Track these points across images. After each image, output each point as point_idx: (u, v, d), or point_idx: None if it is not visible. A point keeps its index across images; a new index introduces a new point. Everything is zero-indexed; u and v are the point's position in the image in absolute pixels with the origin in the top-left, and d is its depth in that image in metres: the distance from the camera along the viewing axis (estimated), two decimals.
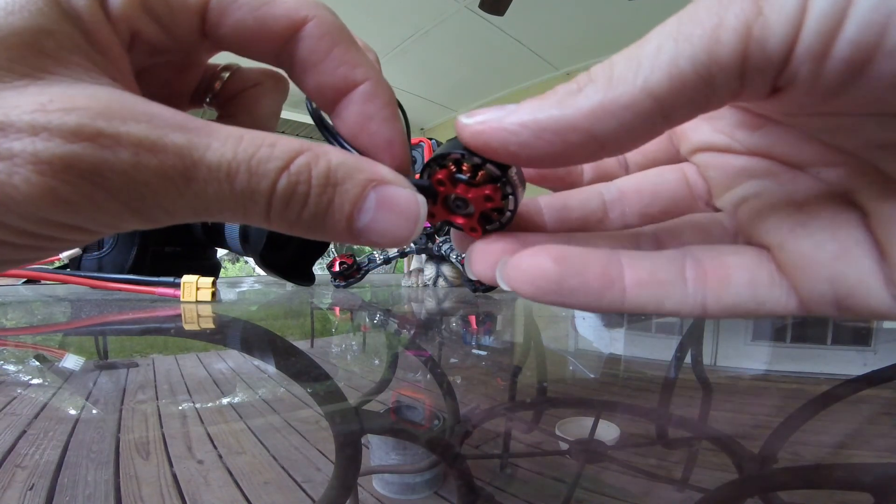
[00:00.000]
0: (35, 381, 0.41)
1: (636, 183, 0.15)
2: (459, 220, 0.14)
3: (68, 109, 0.09)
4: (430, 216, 0.14)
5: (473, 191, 0.13)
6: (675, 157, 0.16)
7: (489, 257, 0.13)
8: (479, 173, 0.13)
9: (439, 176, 0.13)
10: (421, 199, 0.12)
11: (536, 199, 0.15)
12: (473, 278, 0.14)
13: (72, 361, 0.51)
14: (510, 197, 0.13)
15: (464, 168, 0.13)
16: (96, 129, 0.09)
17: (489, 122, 0.11)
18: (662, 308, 0.12)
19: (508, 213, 0.14)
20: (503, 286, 0.13)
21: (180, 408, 0.35)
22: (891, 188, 0.11)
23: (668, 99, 0.10)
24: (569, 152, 0.11)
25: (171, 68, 0.15)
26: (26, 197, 0.09)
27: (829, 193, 0.12)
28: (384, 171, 0.12)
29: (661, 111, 0.10)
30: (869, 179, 0.11)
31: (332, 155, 0.11)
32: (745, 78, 0.10)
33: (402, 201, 0.12)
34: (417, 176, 0.14)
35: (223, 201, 0.10)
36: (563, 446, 0.29)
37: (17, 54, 0.09)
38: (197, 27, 0.13)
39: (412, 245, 1.77)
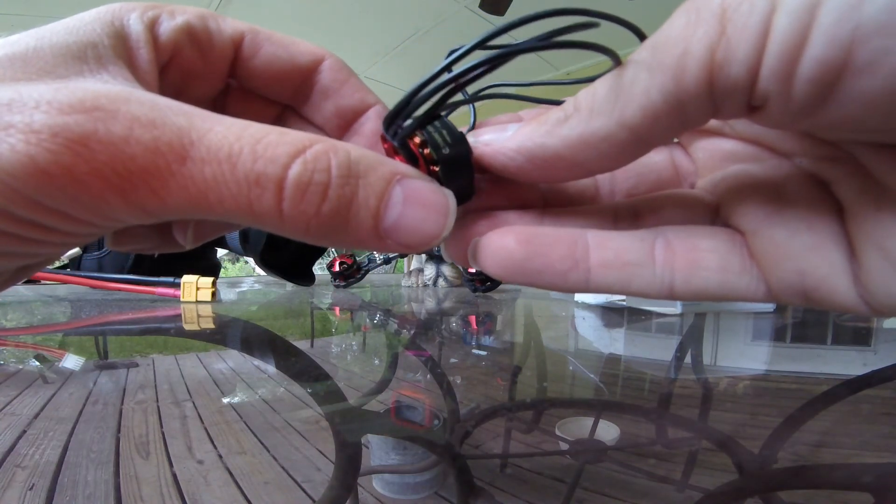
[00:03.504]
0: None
1: None
2: None
3: (77, 90, 0.10)
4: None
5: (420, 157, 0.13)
6: None
7: (458, 240, 0.13)
8: (425, 150, 0.13)
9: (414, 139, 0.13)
10: (448, 192, 0.12)
11: None
12: (449, 260, 0.14)
13: (72, 361, 0.51)
14: (446, 181, 0.13)
15: (415, 140, 0.13)
16: (95, 104, 0.09)
17: (491, 144, 0.13)
18: (629, 289, 0.12)
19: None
20: (473, 265, 0.13)
21: (180, 408, 0.35)
22: (870, 185, 0.11)
23: (643, 129, 0.10)
24: (558, 175, 0.12)
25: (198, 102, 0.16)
26: (6, 166, 0.09)
27: (810, 184, 0.12)
28: (406, 167, 0.12)
29: (637, 140, 0.11)
30: (850, 173, 0.11)
31: (351, 147, 0.11)
32: (716, 102, 0.09)
33: (430, 195, 0.11)
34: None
35: (223, 187, 0.09)
36: (563, 446, 0.29)
37: (62, 61, 0.11)
38: (229, 55, 0.15)
39: None
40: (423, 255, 1.83)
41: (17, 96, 0.09)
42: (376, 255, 1.72)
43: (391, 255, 1.75)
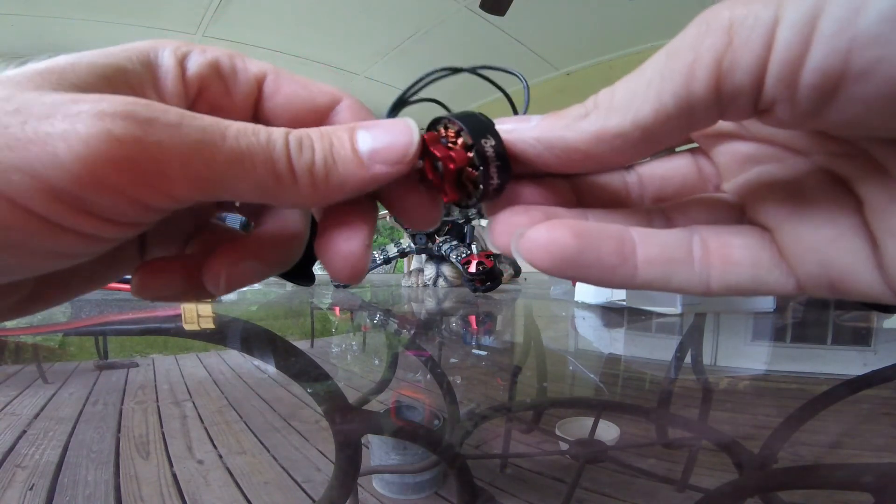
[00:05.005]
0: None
1: (651, 167, 0.16)
2: (430, 176, 0.14)
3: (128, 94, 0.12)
4: (422, 177, 0.15)
5: (444, 151, 0.14)
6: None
7: (509, 228, 0.14)
8: (459, 140, 0.14)
9: (425, 136, 0.14)
10: (408, 119, 0.14)
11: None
12: (496, 251, 0.15)
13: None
14: (481, 169, 0.13)
15: (449, 133, 0.14)
16: (150, 102, 0.12)
17: (513, 132, 0.14)
18: (669, 285, 0.13)
19: (482, 187, 0.14)
20: (517, 257, 0.13)
21: (180, 408, 0.35)
22: (886, 179, 0.11)
23: (654, 129, 0.11)
24: (573, 166, 0.14)
25: None
26: (83, 136, 0.10)
27: (829, 181, 0.13)
28: (366, 122, 0.14)
29: (648, 139, 0.12)
30: (865, 169, 0.12)
31: (320, 128, 0.14)
32: (723, 106, 0.10)
33: (388, 122, 0.14)
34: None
35: (254, 154, 0.12)
36: (564, 446, 0.29)
37: (94, 79, 0.13)
38: (254, 93, 0.16)
39: (412, 245, 1.77)
40: (423, 255, 1.83)
41: (76, 96, 0.11)
42: (376, 256, 1.72)
43: (391, 255, 1.75)
